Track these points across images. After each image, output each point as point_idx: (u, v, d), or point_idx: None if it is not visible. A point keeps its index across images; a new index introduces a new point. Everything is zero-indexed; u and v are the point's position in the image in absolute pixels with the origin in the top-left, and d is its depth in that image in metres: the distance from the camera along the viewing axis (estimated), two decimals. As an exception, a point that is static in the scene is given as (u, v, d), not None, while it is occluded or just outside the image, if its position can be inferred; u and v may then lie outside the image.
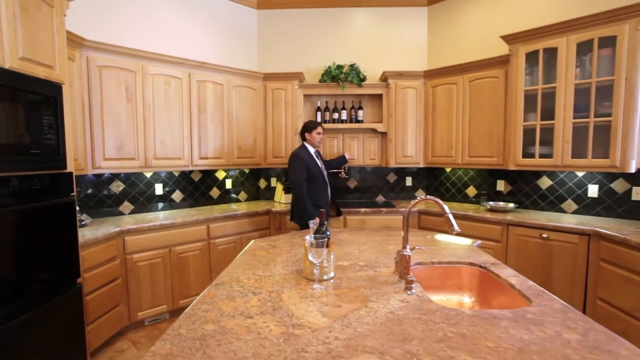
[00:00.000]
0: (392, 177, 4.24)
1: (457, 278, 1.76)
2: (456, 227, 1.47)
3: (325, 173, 3.21)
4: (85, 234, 2.46)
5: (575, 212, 3.16)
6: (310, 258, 1.41)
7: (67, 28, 2.51)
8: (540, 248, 2.83)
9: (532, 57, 2.99)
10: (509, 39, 3.08)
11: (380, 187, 4.24)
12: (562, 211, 3.23)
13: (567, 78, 2.80)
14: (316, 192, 3.09)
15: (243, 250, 2.02)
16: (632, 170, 2.64)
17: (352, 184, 4.26)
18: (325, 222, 1.60)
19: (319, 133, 3.16)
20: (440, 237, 2.30)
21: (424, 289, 1.73)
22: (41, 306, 1.91)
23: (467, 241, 2.18)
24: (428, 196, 1.52)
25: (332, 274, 1.55)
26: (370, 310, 1.23)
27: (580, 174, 3.11)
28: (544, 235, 2.81)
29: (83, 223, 2.76)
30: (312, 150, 3.17)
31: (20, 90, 1.78)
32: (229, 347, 1.00)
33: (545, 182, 3.32)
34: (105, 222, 2.94)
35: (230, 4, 3.92)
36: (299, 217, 3.02)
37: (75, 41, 2.59)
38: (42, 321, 1.92)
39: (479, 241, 2.21)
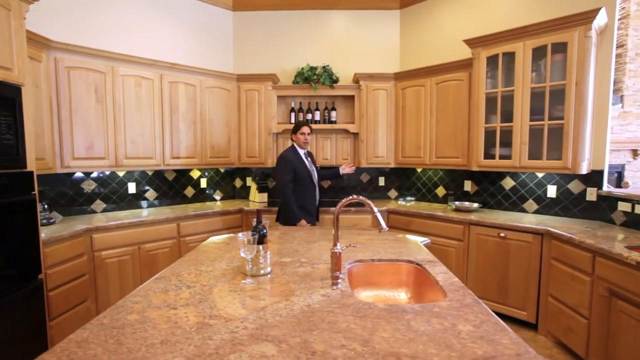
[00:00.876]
0: (365, 177, 4.32)
1: (396, 275, 1.84)
2: (384, 226, 1.55)
3: (314, 175, 3.18)
4: (50, 232, 2.52)
5: (535, 211, 3.25)
6: (242, 254, 1.49)
7: (34, 30, 2.58)
8: (498, 247, 2.92)
9: (492, 61, 3.08)
10: (471, 43, 3.17)
11: (353, 187, 4.32)
12: (524, 211, 3.32)
13: (524, 82, 2.89)
14: (303, 194, 3.08)
15: (197, 247, 2.09)
16: (583, 171, 2.73)
17: (325, 184, 4.33)
18: (264, 221, 1.68)
19: (302, 133, 3.13)
20: (410, 237, 2.36)
21: (363, 285, 1.81)
22: (1, 300, 1.98)
23: (426, 240, 2.26)
24: (359, 196, 1.59)
25: (268, 269, 1.62)
26: (289, 303, 1.30)
27: (540, 175, 3.20)
28: (502, 235, 2.90)
29: (52, 221, 2.82)
30: (301, 151, 3.16)
31: (-24, 92, 1.84)
32: (142, 335, 1.07)
33: (508, 183, 3.41)
34: (75, 220, 3.00)
35: (205, 5, 3.98)
36: (285, 218, 3.04)
37: (42, 42, 2.65)
38: (2, 314, 1.98)
39: (428, 240, 2.29)
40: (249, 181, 4.34)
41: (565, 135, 2.72)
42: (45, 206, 2.83)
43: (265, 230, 1.63)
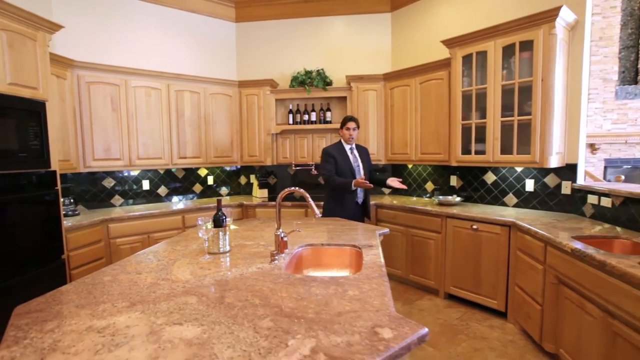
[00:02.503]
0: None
1: (343, 257, 2.09)
2: (317, 213, 1.82)
3: (358, 171, 3.15)
4: (73, 221, 3.02)
5: (515, 205, 3.34)
6: (200, 234, 1.82)
7: (60, 52, 3.10)
8: (472, 238, 3.06)
9: (468, 60, 3.21)
10: (448, 43, 3.31)
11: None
12: (505, 204, 3.41)
13: (496, 79, 3.01)
14: (341, 191, 3.08)
15: (185, 232, 2.47)
16: (551, 165, 2.81)
17: (322, 180, 4.60)
18: (225, 210, 2.00)
19: (348, 129, 3.12)
20: (372, 227, 2.58)
21: (314, 266, 2.09)
22: (30, 274, 2.46)
23: (386, 230, 2.49)
24: (299, 188, 1.87)
25: (227, 248, 1.94)
26: (227, 272, 1.61)
27: (519, 169, 3.29)
28: (474, 227, 3.03)
29: (76, 212, 3.34)
30: (347, 146, 3.17)
31: (9, 107, 2.32)
32: (108, 289, 1.42)
33: (490, 177, 3.51)
34: (97, 212, 3.51)
35: (210, 19, 4.39)
36: (327, 212, 3.13)
37: (66, 63, 3.16)
38: (30, 285, 2.47)
39: (387, 230, 2.51)
40: (252, 178, 4.71)
41: (533, 130, 2.82)
42: (72, 200, 3.36)
43: (224, 217, 1.96)
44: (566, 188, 3.00)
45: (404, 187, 3.12)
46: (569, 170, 2.98)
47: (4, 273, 2.29)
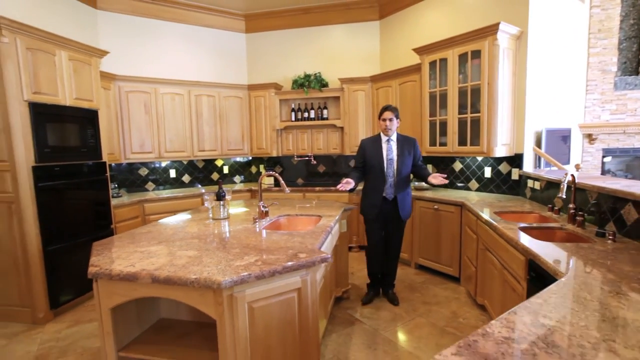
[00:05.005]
0: (353, 163, 5.19)
1: (310, 223, 2.78)
2: (286, 190, 2.53)
3: (389, 165, 2.94)
4: (117, 201, 3.91)
5: (477, 189, 3.90)
6: (206, 204, 2.59)
7: (106, 69, 3.95)
8: (434, 217, 3.67)
9: (433, 65, 3.78)
10: (418, 50, 3.88)
11: (343, 172, 5.22)
12: (469, 189, 3.98)
13: (454, 82, 3.57)
14: (369, 182, 3.01)
15: (200, 207, 3.26)
16: (497, 155, 3.36)
17: (321, 169, 5.31)
18: (226, 189, 2.75)
19: (383, 119, 2.91)
20: (340, 204, 3.30)
21: (288, 229, 2.81)
22: (90, 237, 3.33)
23: (352, 206, 3.19)
24: (270, 171, 2.58)
25: (225, 215, 2.70)
26: (221, 228, 2.37)
27: (479, 158, 3.84)
28: (436, 207, 3.64)
29: (119, 195, 4.24)
30: (384, 138, 2.97)
31: (75, 116, 3.19)
32: (144, 236, 2.21)
33: (457, 166, 4.08)
34: (134, 195, 4.39)
35: (224, 32, 5.15)
36: (361, 204, 3.10)
37: (110, 77, 4.02)
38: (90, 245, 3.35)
39: (353, 206, 3.19)
40: (261, 168, 5.48)
41: (482, 125, 3.37)
42: (116, 185, 4.26)
43: (224, 193, 2.71)
44: (515, 174, 3.53)
45: (445, 181, 2.86)
46: (517, 159, 3.51)
47: (75, 235, 3.18)
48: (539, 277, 1.75)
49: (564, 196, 2.18)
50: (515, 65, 3.40)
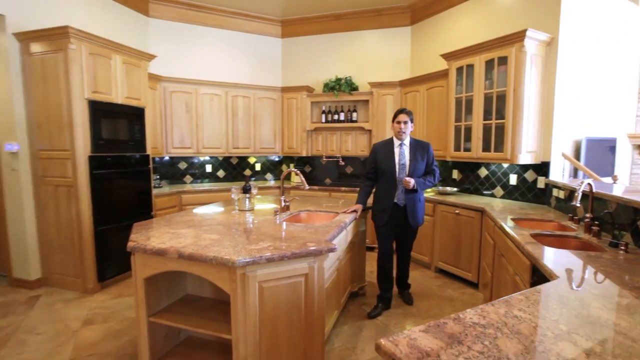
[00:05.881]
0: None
1: (327, 218, 2.95)
2: (306, 186, 2.72)
3: (401, 170, 2.86)
4: (158, 191, 4.30)
5: (502, 196, 3.86)
6: (232, 196, 2.84)
7: (153, 71, 4.36)
8: (454, 221, 3.69)
9: (460, 71, 3.80)
10: (446, 56, 3.92)
11: (370, 173, 5.32)
12: (494, 196, 3.94)
13: (479, 88, 3.57)
14: (380, 188, 2.96)
15: (229, 200, 3.54)
16: (521, 162, 3.33)
17: (349, 170, 5.45)
18: (252, 182, 2.98)
19: (398, 122, 2.83)
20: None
21: (309, 221, 2.99)
22: (133, 221, 3.72)
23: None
24: (298, 169, 2.77)
25: (250, 207, 2.93)
26: (245, 218, 2.60)
27: (505, 165, 3.80)
28: (457, 212, 3.66)
29: (160, 185, 4.65)
30: (397, 142, 2.89)
31: (125, 113, 3.59)
32: (177, 220, 2.49)
33: (483, 172, 4.05)
34: (174, 186, 4.79)
35: (261, 37, 5.46)
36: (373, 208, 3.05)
37: (157, 78, 4.44)
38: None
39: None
40: (291, 167, 5.72)
41: (506, 132, 3.36)
42: (158, 177, 4.68)
43: (249, 187, 2.95)
44: (541, 183, 3.47)
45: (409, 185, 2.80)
46: (544, 167, 3.44)
47: (120, 218, 3.58)
48: (542, 281, 1.79)
49: (578, 204, 2.17)
50: (544, 72, 3.35)
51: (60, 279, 3.40)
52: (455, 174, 4.42)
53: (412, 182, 2.78)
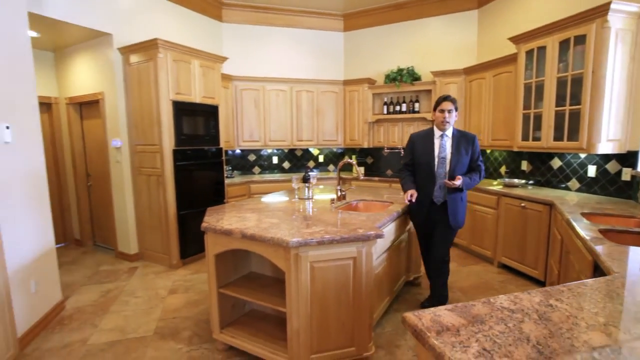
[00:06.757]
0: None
1: (382, 207, 3.04)
2: (361, 176, 2.83)
3: (440, 164, 2.60)
4: (230, 181, 4.78)
5: (578, 189, 3.53)
6: (293, 185, 3.08)
7: (225, 72, 4.82)
8: (520, 214, 3.49)
9: (530, 55, 3.53)
10: (514, 39, 3.67)
11: (431, 165, 5.21)
12: (568, 189, 3.62)
13: (552, 72, 3.29)
14: (417, 183, 2.71)
15: (291, 189, 3.82)
16: (598, 152, 3.02)
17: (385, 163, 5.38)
18: (312, 172, 3.20)
19: (441, 110, 2.56)
20: None
21: (364, 210, 3.11)
22: (205, 209, 4.22)
23: None
24: (349, 160, 2.90)
25: (310, 196, 3.15)
26: (305, 208, 2.81)
27: (582, 155, 3.46)
28: (522, 205, 3.45)
29: (232, 176, 5.14)
30: (437, 133, 2.63)
31: (202, 110, 4.06)
32: (244, 206, 2.81)
33: (556, 163, 3.73)
34: (244, 177, 5.26)
35: (323, 32, 5.62)
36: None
37: (229, 78, 4.89)
38: (209, 215, 4.24)
39: (428, 196, 3.29)
40: (353, 158, 5.84)
41: (582, 118, 3.06)
42: (230, 167, 5.18)
43: (309, 177, 3.16)
44: (626, 175, 3.10)
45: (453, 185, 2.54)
46: (631, 157, 3.07)
47: (199, 204, 4.09)
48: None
49: (659, 199, 1.95)
50: (635, 48, 2.96)
51: (152, 255, 4.03)
52: (524, 165, 4.13)
53: (458, 182, 2.47)
